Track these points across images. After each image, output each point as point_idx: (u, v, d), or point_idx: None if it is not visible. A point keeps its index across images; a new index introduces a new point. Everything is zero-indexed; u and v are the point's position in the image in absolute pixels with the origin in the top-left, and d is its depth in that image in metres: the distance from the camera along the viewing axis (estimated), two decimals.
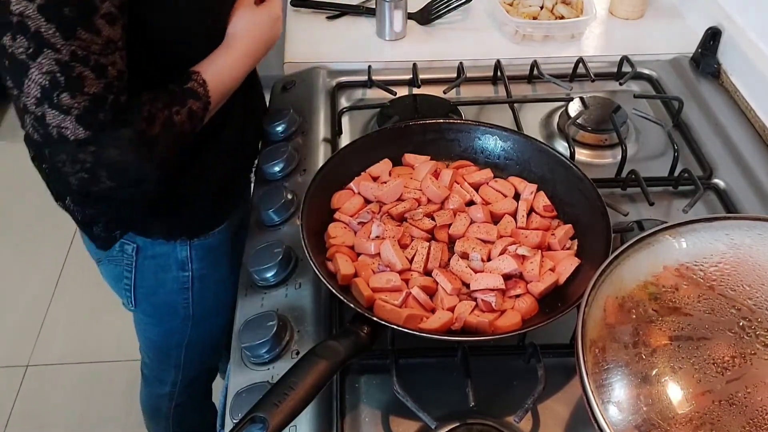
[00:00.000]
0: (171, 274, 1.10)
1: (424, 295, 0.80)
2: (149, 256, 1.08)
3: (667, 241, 0.72)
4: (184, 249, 1.08)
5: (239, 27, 0.92)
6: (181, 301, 1.14)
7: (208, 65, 0.89)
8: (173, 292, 1.12)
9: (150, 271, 1.10)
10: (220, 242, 1.11)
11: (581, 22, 1.36)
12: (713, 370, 0.61)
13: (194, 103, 0.85)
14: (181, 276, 1.11)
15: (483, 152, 1.00)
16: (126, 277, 1.11)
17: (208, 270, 1.12)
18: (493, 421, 0.76)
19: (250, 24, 0.93)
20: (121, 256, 1.08)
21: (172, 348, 1.24)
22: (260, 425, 0.65)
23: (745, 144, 1.13)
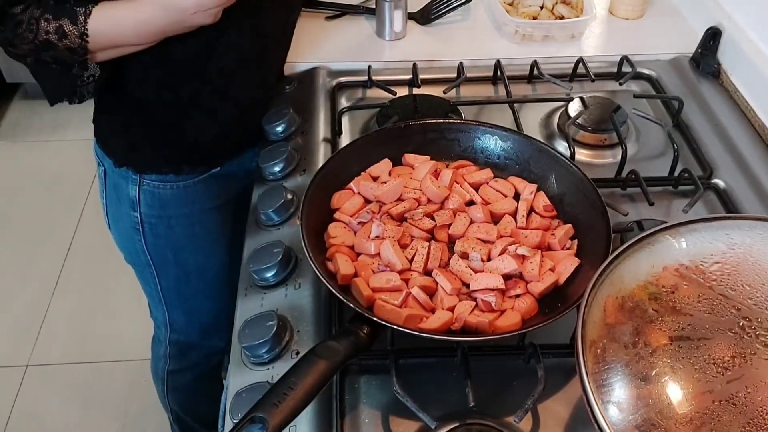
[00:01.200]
0: (125, 208, 1.12)
1: (424, 295, 0.80)
2: (111, 184, 1.12)
3: (667, 241, 0.72)
4: (134, 187, 1.09)
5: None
6: (137, 241, 1.16)
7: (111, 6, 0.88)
8: (130, 229, 1.15)
9: (113, 199, 1.14)
10: (172, 198, 1.11)
11: (581, 22, 1.36)
12: (713, 370, 0.61)
13: (67, 23, 0.86)
14: (133, 215, 1.12)
15: (483, 152, 1.00)
16: (102, 196, 1.17)
17: (158, 221, 1.13)
18: (492, 421, 0.76)
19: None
20: (99, 173, 1.14)
21: (153, 292, 1.26)
22: (260, 425, 0.65)
23: (745, 144, 1.13)
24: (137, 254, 1.19)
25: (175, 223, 1.15)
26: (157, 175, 1.09)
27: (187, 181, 1.12)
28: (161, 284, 1.23)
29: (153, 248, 1.16)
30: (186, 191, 1.12)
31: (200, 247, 1.21)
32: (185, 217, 1.15)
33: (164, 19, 0.88)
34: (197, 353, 1.40)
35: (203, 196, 1.16)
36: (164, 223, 1.14)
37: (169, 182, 1.10)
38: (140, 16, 0.88)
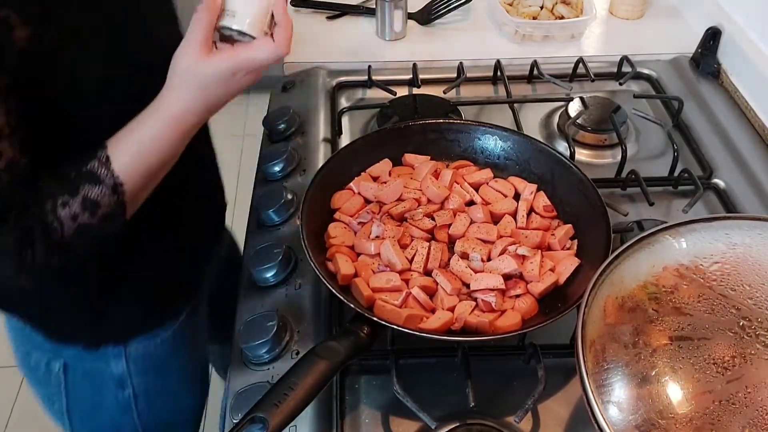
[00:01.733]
0: (109, 394, 0.92)
1: (424, 295, 0.80)
2: (80, 375, 0.91)
3: (667, 241, 0.72)
4: (119, 362, 0.90)
5: (174, 81, 0.69)
6: (126, 422, 0.96)
7: (123, 136, 0.69)
8: (115, 414, 0.95)
9: (84, 393, 0.92)
10: (169, 350, 0.94)
11: (581, 22, 1.36)
12: (713, 370, 0.61)
13: (91, 189, 0.67)
14: (121, 395, 0.93)
15: (483, 152, 1.00)
16: (57, 401, 0.93)
17: (154, 383, 0.94)
18: (493, 421, 0.76)
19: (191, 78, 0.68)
20: (48, 377, 0.91)
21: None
22: (260, 425, 0.65)
23: (745, 144, 1.13)
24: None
25: (172, 376, 0.98)
26: (147, 333, 0.92)
27: (179, 319, 0.96)
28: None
29: (148, 417, 0.97)
30: (178, 335, 0.95)
31: (194, 381, 1.05)
32: (181, 363, 0.99)
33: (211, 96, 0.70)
34: None
35: (197, 324, 1.01)
36: (161, 383, 0.97)
37: (161, 334, 0.93)
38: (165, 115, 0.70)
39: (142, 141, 0.69)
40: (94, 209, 0.67)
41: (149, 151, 0.69)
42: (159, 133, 0.69)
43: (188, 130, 0.71)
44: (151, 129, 0.69)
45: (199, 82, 0.68)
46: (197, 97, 0.69)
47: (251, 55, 0.69)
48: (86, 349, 0.89)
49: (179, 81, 0.68)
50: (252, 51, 0.69)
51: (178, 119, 0.69)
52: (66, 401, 0.93)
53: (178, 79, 0.68)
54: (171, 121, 0.69)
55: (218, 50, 0.69)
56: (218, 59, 0.68)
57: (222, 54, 0.68)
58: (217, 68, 0.68)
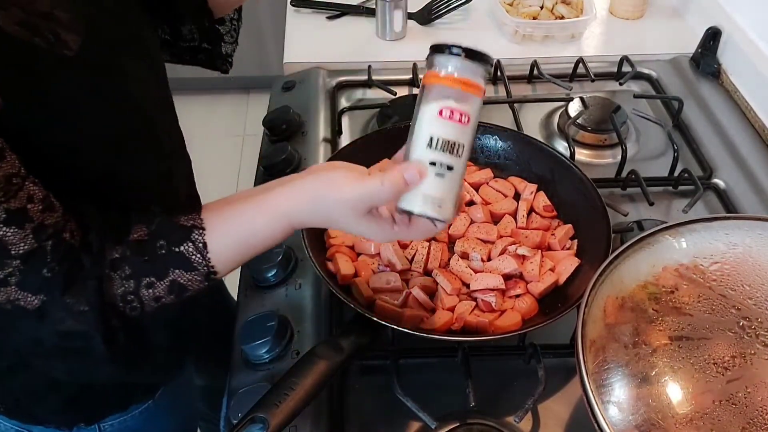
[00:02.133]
0: None
1: (424, 295, 0.80)
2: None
3: (667, 242, 0.72)
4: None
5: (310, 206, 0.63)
6: None
7: (222, 221, 0.64)
8: None
9: None
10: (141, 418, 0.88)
11: (581, 22, 1.36)
12: (713, 370, 0.61)
13: (182, 275, 0.62)
14: None
15: (483, 152, 1.00)
16: None
17: None
18: (493, 421, 0.76)
19: (328, 217, 0.64)
20: None
21: None
22: (260, 425, 0.65)
23: (745, 144, 1.13)
24: None
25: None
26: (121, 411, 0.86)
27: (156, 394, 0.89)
28: None
29: None
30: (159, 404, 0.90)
31: None
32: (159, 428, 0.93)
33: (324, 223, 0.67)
34: None
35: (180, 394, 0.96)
36: None
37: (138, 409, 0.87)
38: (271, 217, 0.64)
39: (246, 233, 0.64)
40: (180, 292, 0.64)
41: (251, 244, 0.65)
42: (265, 231, 0.64)
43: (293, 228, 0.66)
44: (259, 225, 0.64)
45: (333, 225, 0.66)
46: (317, 225, 0.67)
47: (405, 236, 0.65)
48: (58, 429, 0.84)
49: (311, 218, 0.64)
50: (407, 233, 0.64)
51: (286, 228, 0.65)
52: None
53: (310, 216, 0.64)
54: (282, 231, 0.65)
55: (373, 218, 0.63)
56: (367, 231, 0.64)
57: (375, 227, 0.63)
58: (358, 233, 0.66)
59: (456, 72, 0.60)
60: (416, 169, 0.60)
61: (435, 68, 0.61)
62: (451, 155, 0.60)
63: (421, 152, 0.60)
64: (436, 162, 0.60)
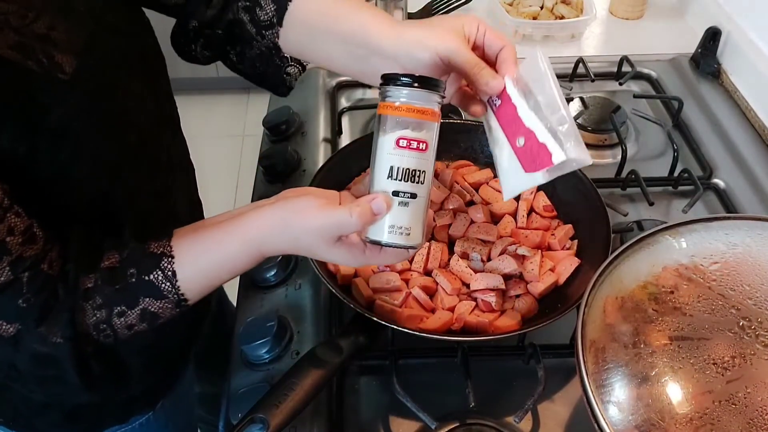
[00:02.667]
0: None
1: (424, 295, 0.80)
2: None
3: (666, 242, 0.72)
4: None
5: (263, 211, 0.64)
6: None
7: (191, 249, 0.64)
8: None
9: None
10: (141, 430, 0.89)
11: (581, 22, 1.36)
12: (713, 370, 0.61)
13: (152, 303, 0.62)
14: None
15: (483, 152, 1.00)
16: None
17: None
18: (492, 421, 0.76)
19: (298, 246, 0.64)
20: None
21: None
22: (260, 425, 0.65)
23: (745, 144, 1.13)
24: None
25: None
26: (122, 424, 0.87)
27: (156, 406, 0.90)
28: None
29: None
30: (159, 416, 0.90)
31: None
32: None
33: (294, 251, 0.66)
34: None
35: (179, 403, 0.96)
36: None
37: (139, 420, 0.88)
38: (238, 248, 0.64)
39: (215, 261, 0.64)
40: (153, 320, 0.64)
41: (218, 275, 0.65)
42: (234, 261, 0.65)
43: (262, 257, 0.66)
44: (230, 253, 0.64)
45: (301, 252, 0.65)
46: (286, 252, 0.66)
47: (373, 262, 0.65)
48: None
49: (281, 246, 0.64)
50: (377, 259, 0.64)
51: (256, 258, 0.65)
52: None
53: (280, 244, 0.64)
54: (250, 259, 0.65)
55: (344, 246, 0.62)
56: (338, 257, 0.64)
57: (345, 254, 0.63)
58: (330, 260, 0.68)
59: (409, 101, 0.60)
60: (383, 200, 0.60)
61: (389, 98, 0.61)
62: (413, 183, 0.61)
63: (384, 183, 0.61)
64: (398, 191, 0.61)
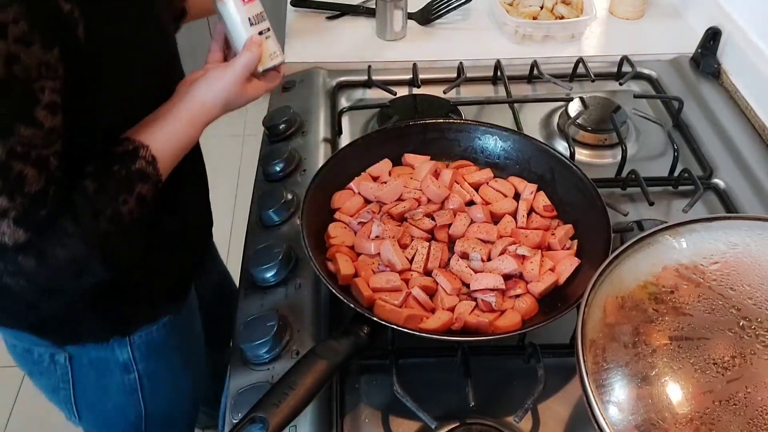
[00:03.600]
0: (114, 378, 0.96)
1: (424, 295, 0.80)
2: (86, 364, 0.94)
3: (666, 241, 0.72)
4: (124, 349, 0.94)
5: (210, 96, 0.81)
6: (131, 403, 1.00)
7: (158, 135, 0.77)
8: (121, 396, 0.99)
9: (90, 379, 0.95)
10: (167, 335, 0.99)
11: (581, 22, 1.36)
12: (713, 370, 0.61)
13: (143, 186, 0.74)
14: (126, 379, 0.97)
15: (483, 152, 1.00)
16: (63, 389, 0.96)
17: (157, 366, 0.99)
18: (492, 421, 0.76)
19: (226, 101, 0.81)
20: (53, 367, 0.93)
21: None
22: (260, 425, 0.65)
23: (745, 144, 1.13)
24: (126, 417, 1.02)
25: (173, 357, 1.02)
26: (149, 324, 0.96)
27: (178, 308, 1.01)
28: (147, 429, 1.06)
29: (151, 398, 1.01)
30: (177, 318, 1.00)
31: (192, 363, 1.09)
32: (181, 344, 1.03)
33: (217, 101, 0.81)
34: None
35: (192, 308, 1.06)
36: (163, 365, 1.01)
37: (163, 321, 0.97)
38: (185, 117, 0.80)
39: (173, 138, 0.78)
40: (143, 203, 0.75)
41: (177, 147, 0.79)
42: (184, 129, 0.79)
43: (204, 124, 0.82)
44: (178, 126, 0.79)
45: (233, 104, 0.83)
46: (223, 111, 0.83)
47: (270, 87, 0.87)
48: (95, 343, 0.93)
49: (217, 98, 0.81)
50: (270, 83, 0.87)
51: (205, 120, 0.81)
52: (72, 389, 0.97)
53: (216, 96, 0.81)
54: (191, 118, 0.80)
55: (254, 82, 0.84)
56: (252, 92, 0.84)
57: (255, 88, 0.84)
58: (247, 98, 0.84)
59: None
60: (257, 37, 0.83)
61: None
62: (264, 21, 0.85)
63: (248, 31, 0.83)
64: (261, 31, 0.84)
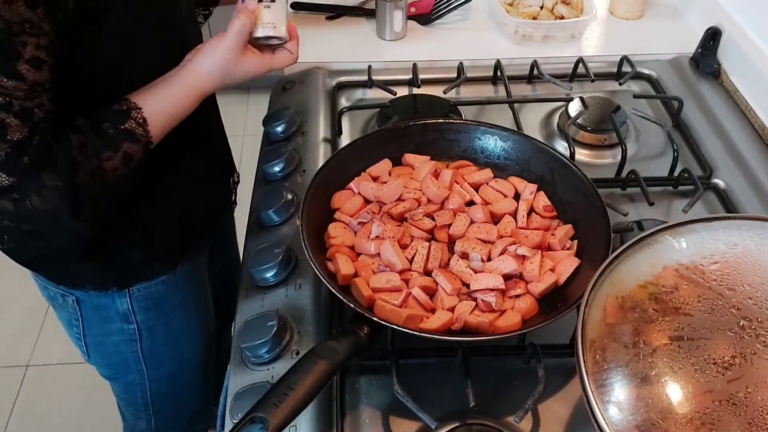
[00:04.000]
0: (115, 325, 1.02)
1: (424, 295, 0.80)
2: (90, 307, 1.00)
3: (666, 241, 0.72)
4: (124, 300, 0.98)
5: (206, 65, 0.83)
6: (130, 353, 1.05)
7: (151, 99, 0.80)
8: (121, 344, 1.04)
9: (95, 321, 1.01)
10: (166, 292, 1.02)
11: (581, 22, 1.36)
12: (713, 370, 0.61)
13: (130, 146, 0.77)
14: (126, 328, 1.02)
15: (483, 152, 1.00)
16: (75, 326, 1.03)
17: (156, 321, 1.03)
18: (492, 421, 0.76)
19: (225, 72, 0.84)
20: (65, 305, 1.00)
21: (138, 401, 1.14)
22: (260, 425, 0.65)
23: (745, 144, 1.13)
24: (127, 366, 1.07)
25: (173, 315, 1.06)
26: (147, 279, 1.00)
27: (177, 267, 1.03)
28: (151, 389, 1.12)
29: (150, 353, 1.06)
30: (178, 277, 1.03)
31: (195, 327, 1.12)
32: (181, 303, 1.06)
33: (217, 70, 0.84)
34: (189, 419, 1.27)
35: (195, 271, 1.08)
36: (162, 321, 1.04)
37: (161, 278, 1.01)
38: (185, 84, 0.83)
39: (168, 104, 0.81)
40: (130, 162, 0.78)
41: (172, 112, 0.82)
42: (180, 96, 0.82)
43: (202, 95, 0.85)
44: (175, 92, 0.81)
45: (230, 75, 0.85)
46: (221, 82, 0.85)
47: (275, 64, 0.89)
48: (95, 291, 0.97)
49: (212, 66, 0.83)
50: (276, 61, 0.89)
51: (200, 90, 0.84)
52: (82, 327, 1.03)
53: (211, 65, 0.83)
54: (189, 87, 0.82)
55: (251, 54, 0.86)
56: (251, 64, 0.86)
57: (255, 60, 0.86)
58: (247, 71, 0.85)
59: None
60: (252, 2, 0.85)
61: None
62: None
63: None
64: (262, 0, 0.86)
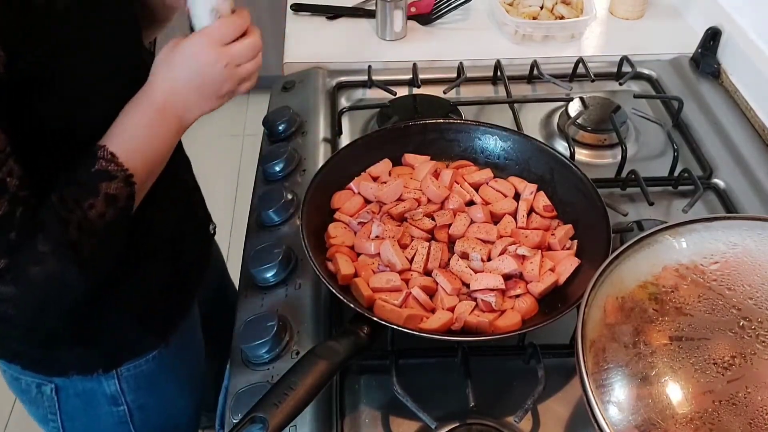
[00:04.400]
0: (103, 409, 0.93)
1: (424, 295, 0.80)
2: (72, 395, 0.91)
3: (666, 241, 0.72)
4: (111, 382, 0.91)
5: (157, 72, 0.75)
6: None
7: (114, 132, 0.72)
8: (111, 427, 0.96)
9: (78, 411, 0.92)
10: (157, 367, 0.95)
11: (581, 22, 1.36)
12: (713, 370, 0.61)
13: (108, 185, 0.70)
14: (116, 410, 0.94)
15: (483, 152, 1.00)
16: (52, 420, 0.93)
17: (148, 398, 0.96)
18: (492, 421, 0.76)
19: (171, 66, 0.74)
20: (40, 397, 0.91)
21: None
22: (260, 425, 0.65)
23: (745, 144, 1.13)
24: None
25: (165, 387, 0.99)
26: (136, 357, 0.92)
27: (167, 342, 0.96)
28: None
29: (142, 427, 0.98)
30: (170, 349, 0.96)
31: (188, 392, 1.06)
32: (173, 374, 0.99)
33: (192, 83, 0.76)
34: None
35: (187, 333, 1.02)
36: (154, 396, 0.97)
37: (152, 354, 0.93)
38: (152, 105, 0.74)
39: (136, 131, 0.73)
40: (114, 203, 0.71)
41: (145, 139, 0.74)
42: (150, 120, 0.74)
43: (178, 116, 0.76)
44: (142, 118, 0.74)
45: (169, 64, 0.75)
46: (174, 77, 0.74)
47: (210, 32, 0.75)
48: (80, 375, 0.89)
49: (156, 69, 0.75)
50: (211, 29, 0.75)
51: (163, 104, 0.74)
52: (60, 421, 0.93)
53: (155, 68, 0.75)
54: (157, 107, 0.74)
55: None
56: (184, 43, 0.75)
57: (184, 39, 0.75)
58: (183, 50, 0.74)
59: None
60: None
61: None
62: None
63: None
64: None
